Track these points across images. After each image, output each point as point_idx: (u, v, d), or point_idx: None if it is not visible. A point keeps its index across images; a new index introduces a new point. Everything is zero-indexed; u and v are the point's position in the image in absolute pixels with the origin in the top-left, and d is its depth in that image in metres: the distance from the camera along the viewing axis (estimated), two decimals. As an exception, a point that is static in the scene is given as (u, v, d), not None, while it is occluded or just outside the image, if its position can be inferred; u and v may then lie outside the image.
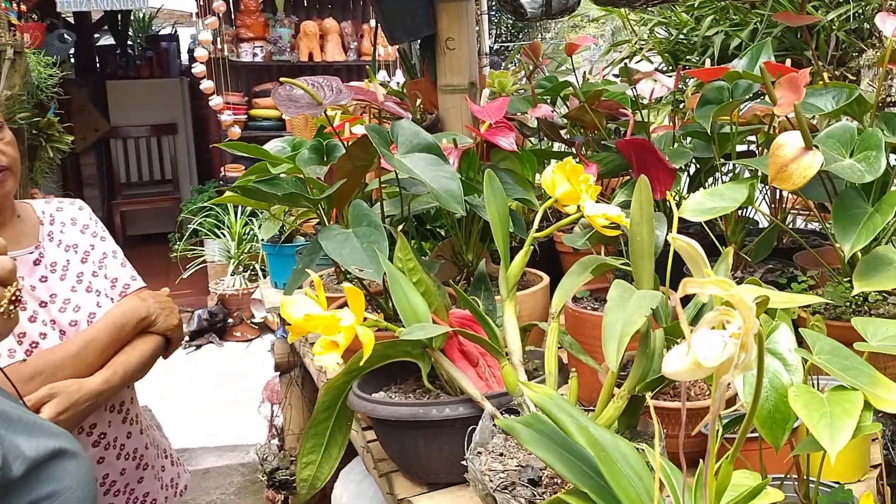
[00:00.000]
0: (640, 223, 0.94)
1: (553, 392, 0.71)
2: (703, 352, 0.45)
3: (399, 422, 1.04)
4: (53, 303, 1.37)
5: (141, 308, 1.40)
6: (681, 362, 0.45)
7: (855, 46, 2.40)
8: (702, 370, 0.45)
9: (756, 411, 0.76)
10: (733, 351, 0.44)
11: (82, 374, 1.28)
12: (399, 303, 1.02)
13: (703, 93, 1.37)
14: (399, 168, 1.19)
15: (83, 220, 1.52)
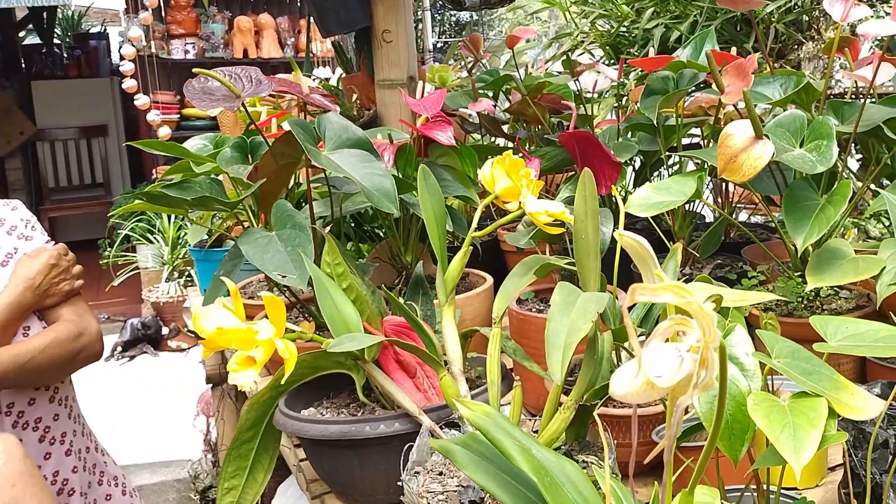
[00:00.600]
0: (585, 220, 0.88)
1: (491, 410, 0.64)
2: (656, 369, 0.38)
3: (330, 441, 0.96)
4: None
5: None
6: (631, 383, 0.38)
7: (794, 39, 2.40)
8: (656, 391, 0.39)
9: (718, 431, 0.70)
10: (692, 368, 0.38)
11: None
12: (327, 311, 0.94)
13: (647, 83, 1.32)
14: (326, 165, 1.11)
15: (12, 221, 1.39)
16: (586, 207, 0.88)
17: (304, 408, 1.08)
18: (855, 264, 1.00)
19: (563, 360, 0.66)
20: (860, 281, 1.05)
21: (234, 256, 1.14)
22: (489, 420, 0.61)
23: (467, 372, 1.13)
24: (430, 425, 0.92)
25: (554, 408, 0.87)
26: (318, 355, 1.01)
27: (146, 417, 3.47)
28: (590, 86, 1.67)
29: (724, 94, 1.02)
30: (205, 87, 1.18)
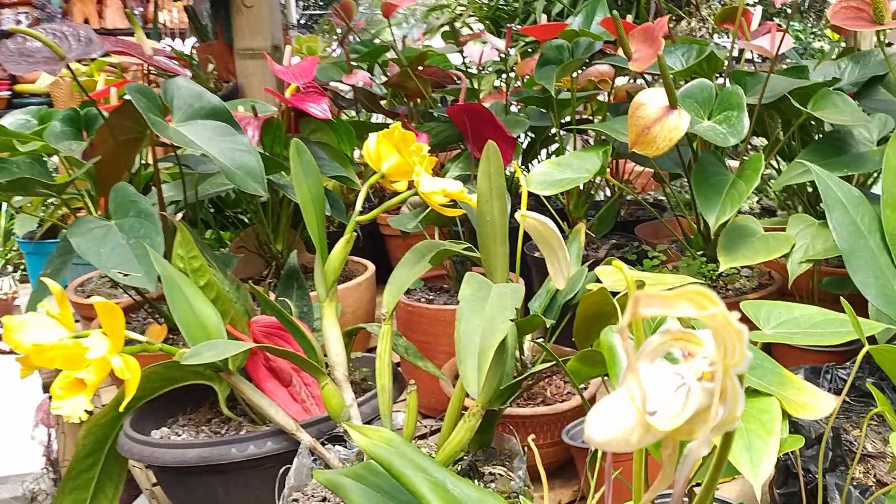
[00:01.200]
0: (490, 200, 0.77)
1: (394, 437, 0.52)
2: (649, 404, 0.27)
3: (189, 468, 0.81)
4: None
5: None
6: (617, 424, 0.27)
7: (673, 14, 2.41)
8: (651, 434, 0.28)
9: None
10: (703, 401, 0.27)
11: None
12: (181, 315, 0.78)
13: (542, 52, 1.24)
14: (176, 140, 0.94)
15: None
16: (491, 186, 0.77)
17: (156, 427, 0.92)
18: (766, 242, 0.95)
19: (480, 369, 0.55)
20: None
21: (63, 252, 0.95)
22: (392, 450, 0.49)
23: (351, 374, 1.00)
24: (310, 443, 0.79)
25: (456, 415, 0.76)
26: (170, 365, 0.85)
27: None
28: (475, 57, 1.57)
29: (631, 60, 0.94)
30: (22, 48, 0.99)
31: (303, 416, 0.86)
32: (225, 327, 0.81)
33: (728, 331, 0.26)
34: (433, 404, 1.16)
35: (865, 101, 1.10)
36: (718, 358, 0.27)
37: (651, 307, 0.26)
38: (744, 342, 0.26)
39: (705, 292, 0.26)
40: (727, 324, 0.26)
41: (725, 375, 0.27)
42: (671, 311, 0.26)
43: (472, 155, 1.25)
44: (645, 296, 0.26)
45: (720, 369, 0.27)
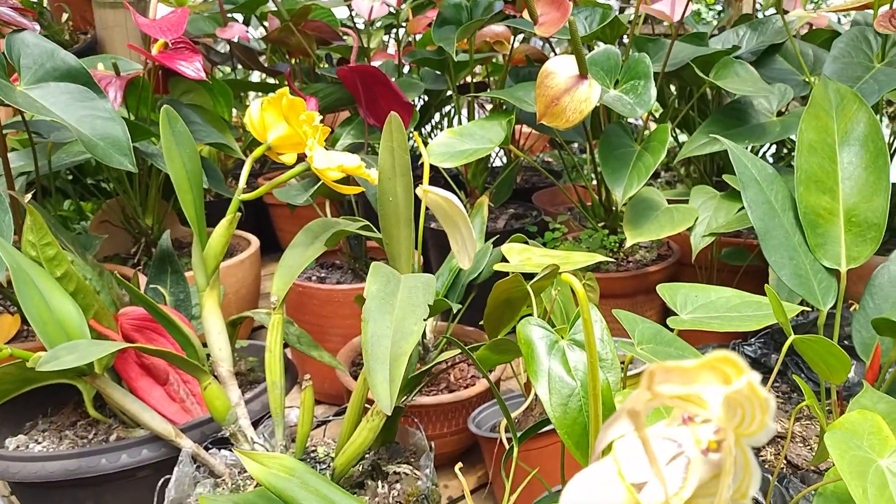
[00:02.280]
0: (393, 178, 0.72)
1: (296, 464, 0.46)
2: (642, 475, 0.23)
3: (52, 482, 0.72)
4: None
5: None
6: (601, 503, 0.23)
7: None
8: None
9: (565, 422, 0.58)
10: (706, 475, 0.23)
11: None
12: (34, 313, 0.68)
13: (439, 10, 1.17)
14: (25, 106, 0.82)
15: None
16: (395, 163, 0.71)
17: (11, 434, 0.82)
18: (670, 216, 0.94)
19: (393, 381, 0.50)
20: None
21: None
22: (293, 480, 0.44)
23: (236, 366, 0.93)
24: (192, 449, 0.72)
25: (357, 413, 0.71)
26: (23, 364, 0.75)
27: None
28: (364, 12, 1.49)
29: (538, 24, 0.89)
30: None
31: (183, 418, 0.78)
32: (88, 323, 0.72)
33: (751, 399, 0.22)
34: (327, 389, 1.10)
35: (763, 70, 1.11)
36: (727, 424, 0.22)
37: (670, 383, 0.21)
38: (768, 412, 0.22)
39: (731, 359, 0.21)
40: (753, 393, 0.21)
41: (738, 446, 0.23)
42: (693, 386, 0.21)
43: (364, 121, 1.18)
44: (662, 370, 0.21)
45: (731, 438, 0.22)
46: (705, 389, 0.21)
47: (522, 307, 0.76)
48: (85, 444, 0.78)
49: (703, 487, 0.23)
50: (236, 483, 0.70)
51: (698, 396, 0.22)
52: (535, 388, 0.60)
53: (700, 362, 0.21)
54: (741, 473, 0.23)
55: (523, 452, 0.77)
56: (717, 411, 0.22)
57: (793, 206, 0.72)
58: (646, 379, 0.22)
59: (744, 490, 0.23)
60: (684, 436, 0.24)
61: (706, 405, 0.22)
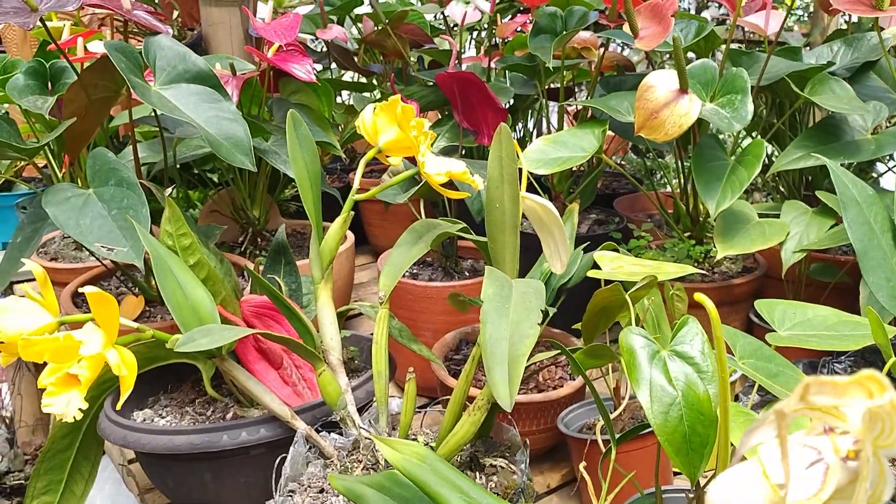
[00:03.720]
0: (501, 185, 0.74)
1: (427, 452, 0.49)
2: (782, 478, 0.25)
3: (178, 455, 0.77)
4: None
5: None
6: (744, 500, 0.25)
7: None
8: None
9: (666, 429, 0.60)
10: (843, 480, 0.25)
11: None
12: (172, 298, 0.73)
13: (535, 19, 1.19)
14: (159, 106, 0.88)
15: None
16: (503, 171, 0.74)
17: (137, 408, 0.87)
18: (761, 230, 0.94)
19: (512, 379, 0.52)
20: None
21: (34, 219, 0.89)
22: (424, 467, 0.47)
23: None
24: (305, 431, 0.76)
25: (459, 407, 0.74)
26: (153, 345, 0.80)
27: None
28: (458, 17, 1.51)
29: (638, 38, 0.90)
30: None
31: (294, 400, 0.83)
32: (217, 310, 0.77)
33: (891, 414, 0.24)
34: (418, 380, 1.14)
35: (857, 87, 1.09)
36: (867, 436, 0.24)
37: (823, 395, 0.24)
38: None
39: (877, 377, 0.23)
40: (894, 409, 0.23)
41: (874, 456, 0.25)
42: (843, 399, 0.24)
43: (459, 125, 1.21)
44: (816, 384, 0.23)
45: (868, 449, 0.25)
46: (851, 403, 0.23)
47: (618, 314, 0.77)
48: (204, 421, 0.83)
49: (840, 491, 0.26)
50: (344, 465, 0.74)
51: (837, 409, 0.24)
52: (637, 395, 0.62)
53: (851, 379, 0.24)
54: (877, 480, 0.25)
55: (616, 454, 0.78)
56: (857, 424, 0.24)
57: (891, 228, 0.72)
58: (800, 390, 0.24)
59: (878, 495, 0.26)
60: (824, 444, 0.26)
61: (845, 418, 0.24)
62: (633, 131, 0.99)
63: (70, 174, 1.16)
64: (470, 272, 1.15)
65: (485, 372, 0.54)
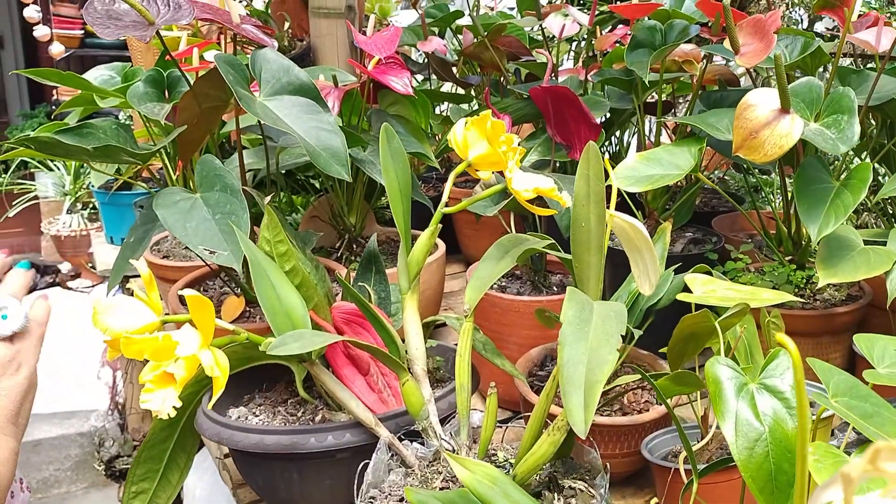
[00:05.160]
0: (587, 205, 0.72)
1: (497, 474, 0.49)
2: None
3: (267, 454, 0.79)
4: None
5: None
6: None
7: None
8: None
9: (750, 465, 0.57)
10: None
11: None
12: (267, 302, 0.75)
13: (633, 33, 1.16)
14: (263, 116, 0.90)
15: None
16: (590, 190, 0.72)
17: (233, 405, 0.90)
18: (867, 257, 0.89)
19: (588, 406, 0.51)
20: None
21: (146, 221, 0.93)
22: (496, 489, 0.46)
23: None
24: (388, 439, 0.77)
25: (538, 425, 0.73)
26: (250, 346, 0.83)
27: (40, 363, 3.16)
28: (556, 30, 1.50)
29: (739, 54, 0.87)
30: (110, 10, 0.95)
31: (379, 408, 0.84)
32: (309, 315, 0.78)
33: None
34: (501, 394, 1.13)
35: (978, 109, 1.01)
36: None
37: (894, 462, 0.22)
38: None
39: None
40: None
41: None
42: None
43: (552, 139, 1.20)
44: (888, 450, 0.22)
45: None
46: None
47: (707, 341, 0.74)
48: (294, 421, 0.85)
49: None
50: (424, 475, 0.74)
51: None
52: (721, 428, 0.59)
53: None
54: None
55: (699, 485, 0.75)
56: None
57: None
58: (870, 454, 0.22)
59: None
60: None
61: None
62: (731, 150, 0.95)
63: (183, 177, 1.22)
64: (558, 287, 1.13)
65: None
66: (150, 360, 0.62)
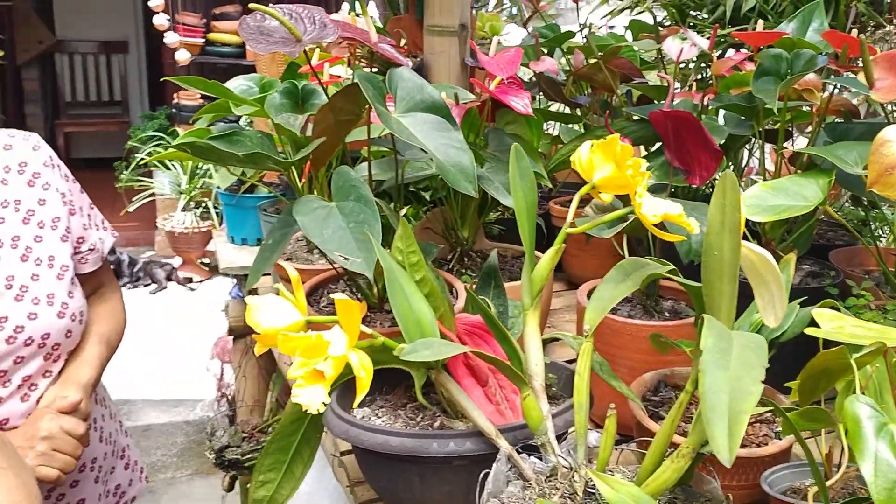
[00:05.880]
0: (721, 233, 0.72)
1: (641, 495, 0.49)
2: None
3: (391, 455, 0.82)
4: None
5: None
6: None
7: (873, 20, 2.18)
8: None
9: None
10: None
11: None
12: (399, 309, 0.78)
13: (759, 60, 1.15)
14: (397, 131, 0.94)
15: (35, 165, 1.14)
16: (724, 219, 0.72)
17: (358, 405, 0.94)
18: None
19: (733, 435, 0.51)
20: None
21: (284, 225, 0.98)
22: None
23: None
24: (508, 451, 0.78)
25: (661, 451, 0.73)
26: (376, 349, 0.86)
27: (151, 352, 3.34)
28: (674, 53, 1.49)
29: (874, 89, 0.85)
30: (262, 26, 1.01)
31: (497, 419, 0.85)
32: (437, 325, 0.81)
33: None
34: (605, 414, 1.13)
35: None
36: None
37: None
38: None
39: None
40: None
41: None
42: None
43: (670, 164, 1.19)
44: None
45: None
46: None
47: (839, 379, 0.73)
48: (414, 426, 0.87)
49: None
50: (542, 489, 0.75)
51: None
52: (859, 468, 0.58)
53: None
54: None
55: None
56: None
57: None
58: None
59: None
60: None
61: None
62: (859, 183, 0.92)
63: (308, 184, 1.27)
64: (670, 313, 1.12)
65: (690, 419, 0.53)
66: (300, 358, 0.65)
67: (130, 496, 1.31)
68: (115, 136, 5.72)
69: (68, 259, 1.13)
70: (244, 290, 1.69)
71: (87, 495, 1.18)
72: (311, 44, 0.99)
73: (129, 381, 2.94)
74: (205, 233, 3.97)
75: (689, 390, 0.69)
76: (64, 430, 1.03)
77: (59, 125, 5.76)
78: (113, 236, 1.27)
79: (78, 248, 1.16)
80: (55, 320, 1.07)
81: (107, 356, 1.18)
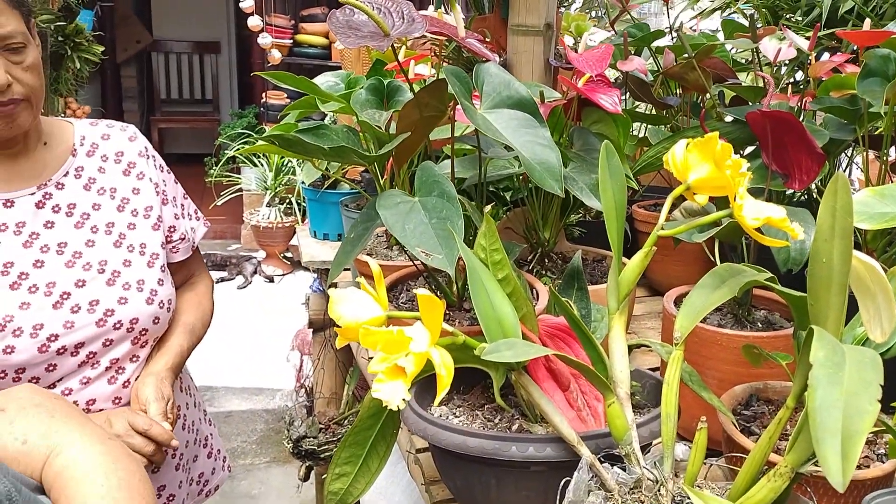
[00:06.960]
0: (831, 240, 0.67)
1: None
2: None
3: (468, 455, 0.80)
4: (61, 253, 1.09)
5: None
6: None
7: None
8: None
9: None
10: None
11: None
12: (481, 308, 0.76)
13: (865, 61, 1.07)
14: (482, 127, 0.91)
15: (131, 155, 1.18)
16: (834, 224, 0.67)
17: (433, 403, 0.92)
18: None
19: (848, 456, 0.46)
20: None
21: (367, 219, 0.97)
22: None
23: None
24: (590, 459, 0.74)
25: (756, 469, 0.68)
26: (457, 348, 0.84)
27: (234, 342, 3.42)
28: (771, 54, 1.41)
29: None
30: (350, 20, 1.00)
31: (578, 425, 0.82)
32: (520, 326, 0.78)
33: None
34: (692, 427, 1.07)
35: None
36: None
37: None
38: None
39: None
40: None
41: None
42: None
43: (767, 167, 1.12)
44: None
45: None
46: None
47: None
48: (491, 427, 0.85)
49: None
50: (625, 501, 0.71)
51: None
52: None
53: None
54: None
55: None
56: None
57: None
58: None
59: None
60: None
61: None
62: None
63: (390, 180, 1.26)
64: (763, 324, 1.06)
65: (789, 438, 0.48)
66: (381, 353, 0.64)
67: (213, 485, 1.33)
68: (205, 132, 5.91)
69: (159, 247, 1.15)
70: (325, 284, 1.70)
71: (167, 482, 1.19)
72: (399, 38, 0.98)
73: (213, 368, 3.01)
74: (288, 228, 4.05)
75: (789, 406, 0.64)
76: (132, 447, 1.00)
77: (153, 121, 5.99)
78: (205, 226, 1.29)
79: (169, 236, 1.19)
80: (144, 306, 1.09)
81: (190, 346, 1.20)
